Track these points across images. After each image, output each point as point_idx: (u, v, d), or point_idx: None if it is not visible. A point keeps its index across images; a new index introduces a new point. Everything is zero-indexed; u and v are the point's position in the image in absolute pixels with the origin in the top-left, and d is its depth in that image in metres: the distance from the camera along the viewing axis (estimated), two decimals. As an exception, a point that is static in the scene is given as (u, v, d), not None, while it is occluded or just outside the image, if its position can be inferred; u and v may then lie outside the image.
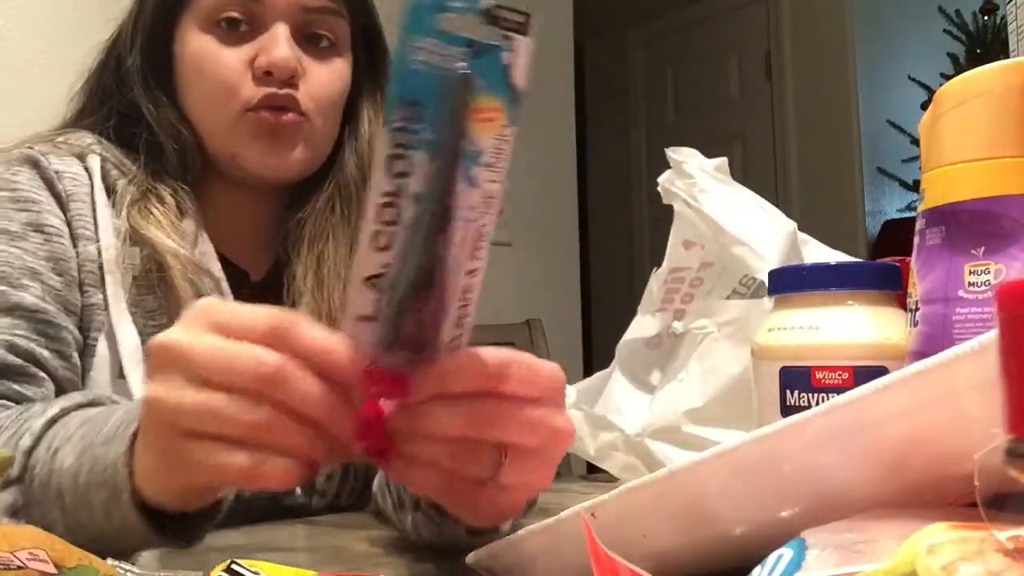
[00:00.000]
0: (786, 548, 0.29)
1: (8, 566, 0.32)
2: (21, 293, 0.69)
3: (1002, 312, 0.23)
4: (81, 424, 0.53)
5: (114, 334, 0.72)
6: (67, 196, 0.74)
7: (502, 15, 0.40)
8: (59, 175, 0.75)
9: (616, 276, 4.07)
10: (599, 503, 0.38)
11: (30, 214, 0.72)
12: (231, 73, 0.76)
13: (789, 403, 0.52)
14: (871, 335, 0.51)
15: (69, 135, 0.79)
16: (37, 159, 0.75)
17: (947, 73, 3.00)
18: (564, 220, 2.74)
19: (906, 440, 0.31)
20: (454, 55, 0.39)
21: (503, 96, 0.40)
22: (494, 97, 0.40)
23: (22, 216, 0.72)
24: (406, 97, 0.39)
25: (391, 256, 0.40)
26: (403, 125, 0.39)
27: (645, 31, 4.15)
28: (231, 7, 0.76)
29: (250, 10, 0.76)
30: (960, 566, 0.22)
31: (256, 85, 0.76)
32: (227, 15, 0.76)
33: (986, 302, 0.43)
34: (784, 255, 0.74)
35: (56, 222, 0.73)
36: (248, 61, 0.76)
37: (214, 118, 0.78)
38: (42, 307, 0.69)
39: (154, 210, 0.75)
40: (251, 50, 0.76)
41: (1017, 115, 0.43)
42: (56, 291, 0.71)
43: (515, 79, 0.40)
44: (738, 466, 0.34)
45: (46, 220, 0.73)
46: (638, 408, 0.80)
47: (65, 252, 0.72)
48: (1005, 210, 0.42)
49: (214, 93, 0.77)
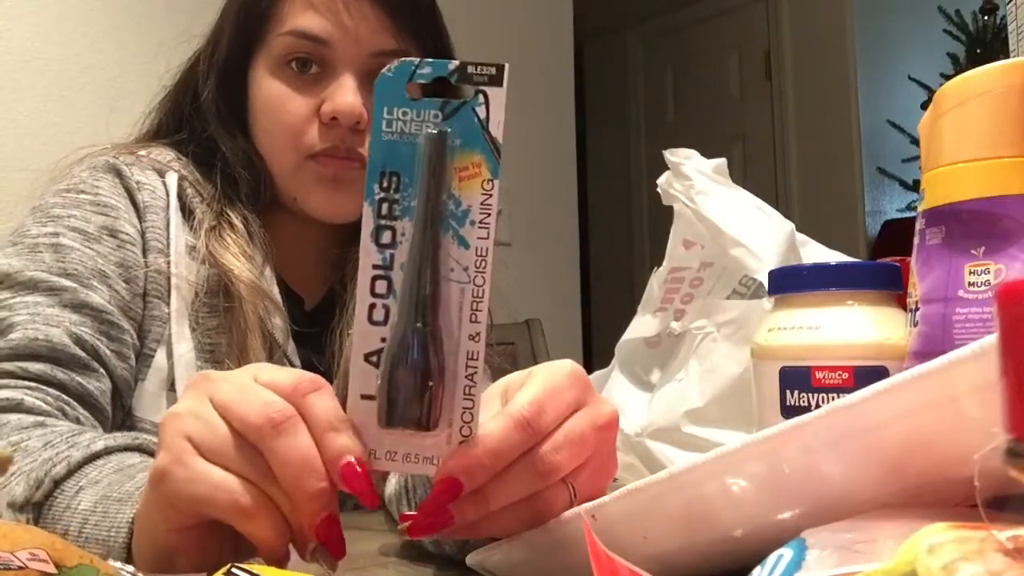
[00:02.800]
0: (786, 548, 0.29)
1: (8, 566, 0.32)
2: (90, 293, 0.72)
3: (1002, 312, 0.23)
4: (114, 471, 0.54)
5: (172, 347, 0.74)
6: (144, 207, 0.78)
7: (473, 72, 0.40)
8: (140, 186, 0.78)
9: (616, 276, 4.07)
10: (600, 504, 0.38)
11: (107, 219, 0.76)
12: (297, 120, 0.78)
13: (789, 403, 0.52)
14: (871, 335, 0.51)
15: (151, 149, 0.82)
16: (120, 168, 0.79)
17: (947, 73, 3.00)
18: (564, 220, 2.74)
19: (906, 443, 0.31)
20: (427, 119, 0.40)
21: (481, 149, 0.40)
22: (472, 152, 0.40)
23: (99, 219, 0.75)
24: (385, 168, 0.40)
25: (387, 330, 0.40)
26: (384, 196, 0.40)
27: (645, 31, 4.15)
28: (301, 49, 0.78)
29: (320, 53, 0.78)
30: (960, 566, 0.22)
31: (321, 132, 0.78)
32: (298, 56, 0.78)
33: (986, 302, 0.43)
34: (782, 256, 0.74)
35: (131, 230, 0.76)
36: (315, 107, 0.78)
37: (280, 161, 0.80)
38: (108, 308, 0.72)
39: (227, 236, 0.78)
40: (319, 97, 0.78)
41: (1017, 115, 0.43)
42: (120, 297, 0.74)
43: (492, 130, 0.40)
44: (738, 468, 0.34)
45: (121, 227, 0.76)
46: (638, 407, 0.79)
47: (135, 260, 0.76)
48: (1005, 210, 0.42)
49: (280, 137, 0.79)
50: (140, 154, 0.81)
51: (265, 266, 0.80)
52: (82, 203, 0.76)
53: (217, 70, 0.82)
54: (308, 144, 0.78)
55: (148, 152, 0.82)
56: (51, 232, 0.73)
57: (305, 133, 0.78)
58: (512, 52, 2.29)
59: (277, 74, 0.79)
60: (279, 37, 0.79)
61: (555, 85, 2.61)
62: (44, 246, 0.73)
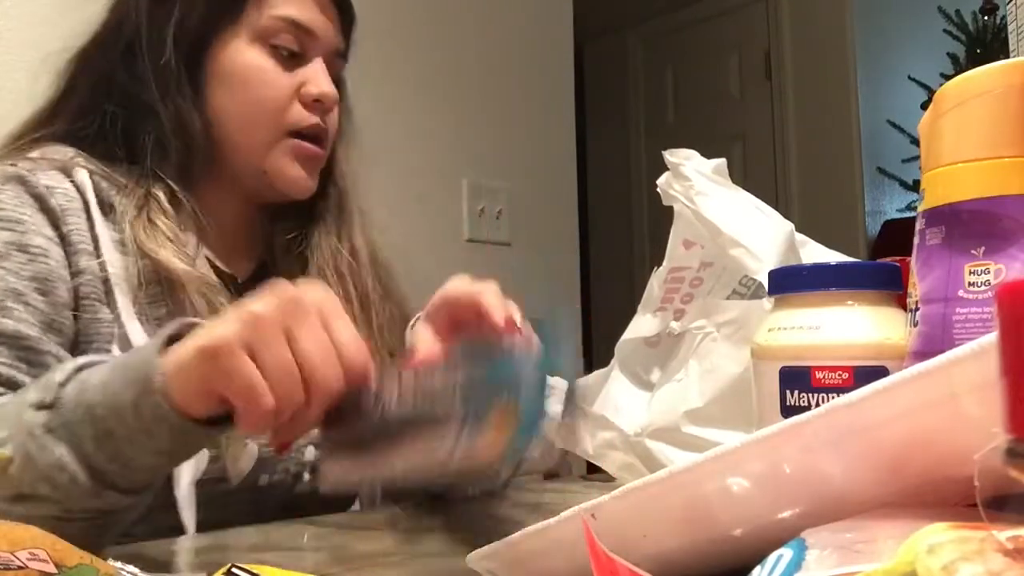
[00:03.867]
0: (786, 548, 0.29)
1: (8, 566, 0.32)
2: (4, 319, 0.68)
3: (1002, 312, 0.23)
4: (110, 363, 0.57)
5: (130, 343, 0.72)
6: (61, 211, 0.73)
7: None
8: (50, 191, 0.74)
9: (616, 276, 4.07)
10: (599, 503, 0.38)
11: (13, 234, 0.71)
12: (282, 95, 0.81)
13: (789, 403, 0.52)
14: (871, 335, 0.51)
15: (44, 149, 0.78)
16: (24, 176, 0.74)
17: (947, 73, 3.00)
18: (564, 220, 2.74)
19: (906, 442, 0.31)
20: None
21: None
22: None
23: (4, 235, 0.71)
24: None
25: None
26: None
27: (645, 31, 4.15)
28: (287, 32, 0.81)
29: (302, 41, 0.82)
30: (960, 566, 0.22)
31: (306, 112, 0.82)
32: (283, 39, 0.81)
33: (986, 302, 0.43)
34: (781, 257, 0.74)
35: (41, 241, 0.72)
36: (296, 87, 0.82)
37: (253, 134, 0.81)
38: (23, 332, 0.68)
39: (156, 220, 0.76)
40: (298, 78, 0.82)
41: (1017, 115, 0.43)
42: (41, 311, 0.70)
43: None
44: (738, 467, 0.34)
45: (30, 240, 0.71)
46: (637, 407, 0.80)
47: (51, 272, 0.71)
48: (1005, 210, 0.42)
49: (260, 111, 0.81)
50: (34, 156, 0.77)
51: (199, 249, 0.80)
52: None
53: (186, 38, 0.80)
54: (292, 121, 0.82)
55: (42, 152, 0.78)
56: None
57: (288, 110, 0.81)
58: (512, 52, 2.29)
59: (257, 48, 0.81)
60: (271, 19, 0.81)
61: (555, 85, 2.61)
62: None
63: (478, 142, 2.17)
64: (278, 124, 0.81)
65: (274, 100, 0.81)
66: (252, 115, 0.81)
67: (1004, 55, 0.57)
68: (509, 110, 2.28)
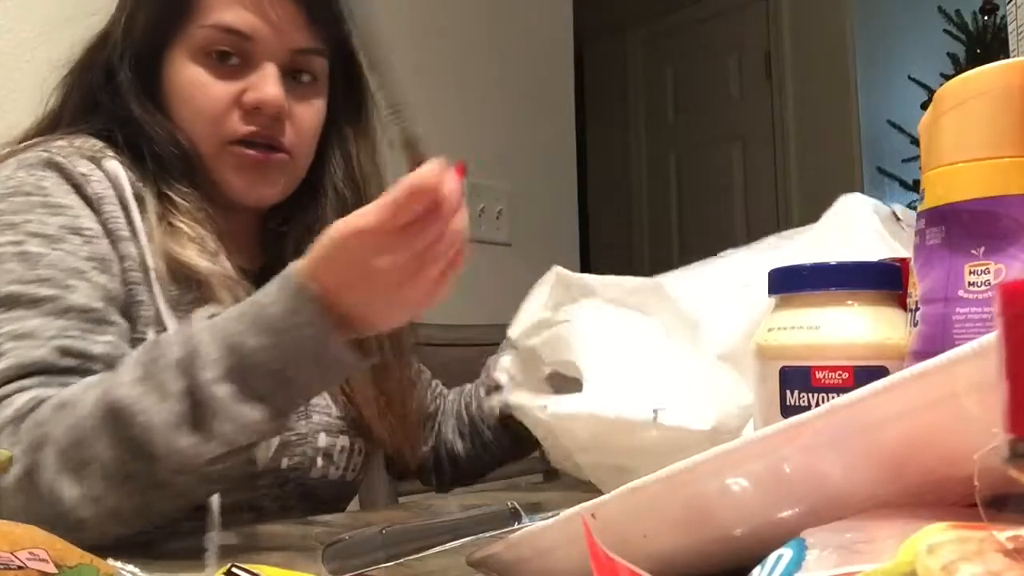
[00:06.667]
0: (786, 548, 0.29)
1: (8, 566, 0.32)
2: (70, 295, 0.70)
3: (1002, 312, 0.23)
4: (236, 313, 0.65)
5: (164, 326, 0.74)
6: (98, 199, 0.75)
7: None
8: (86, 178, 0.75)
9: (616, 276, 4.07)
10: (599, 503, 0.38)
11: (64, 218, 0.73)
12: (217, 106, 0.79)
13: (789, 403, 0.52)
14: (871, 335, 0.51)
15: (74, 138, 0.80)
16: (60, 163, 0.75)
17: (947, 73, 2.99)
18: (564, 220, 2.74)
19: (906, 442, 0.31)
20: None
21: None
22: None
23: (57, 220, 0.73)
24: None
25: None
26: None
27: (645, 31, 4.15)
28: (223, 42, 0.79)
29: (242, 47, 0.79)
30: (960, 566, 0.22)
31: (243, 120, 0.80)
32: (219, 49, 0.79)
33: (986, 302, 0.43)
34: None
35: (92, 224, 0.74)
36: (236, 95, 0.79)
37: (200, 146, 0.81)
38: (92, 305, 0.70)
39: (176, 222, 0.78)
40: (240, 85, 0.80)
41: (1017, 115, 0.43)
42: (103, 287, 0.72)
43: None
44: (738, 467, 0.34)
45: (82, 223, 0.74)
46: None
47: (106, 254, 0.73)
48: (1005, 210, 0.42)
49: (200, 124, 0.80)
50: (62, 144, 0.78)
51: (219, 249, 0.80)
52: (33, 206, 0.73)
53: (132, 53, 0.81)
54: (229, 131, 0.80)
55: (70, 141, 0.79)
56: (13, 240, 0.71)
57: (225, 120, 0.79)
58: (512, 52, 2.29)
59: (197, 61, 0.79)
60: (201, 28, 0.79)
61: (555, 85, 2.61)
62: (10, 256, 0.70)
63: (478, 142, 2.17)
64: (217, 134, 0.80)
65: (211, 111, 0.79)
66: (195, 128, 0.80)
67: (1004, 55, 0.56)
68: (509, 110, 2.28)
